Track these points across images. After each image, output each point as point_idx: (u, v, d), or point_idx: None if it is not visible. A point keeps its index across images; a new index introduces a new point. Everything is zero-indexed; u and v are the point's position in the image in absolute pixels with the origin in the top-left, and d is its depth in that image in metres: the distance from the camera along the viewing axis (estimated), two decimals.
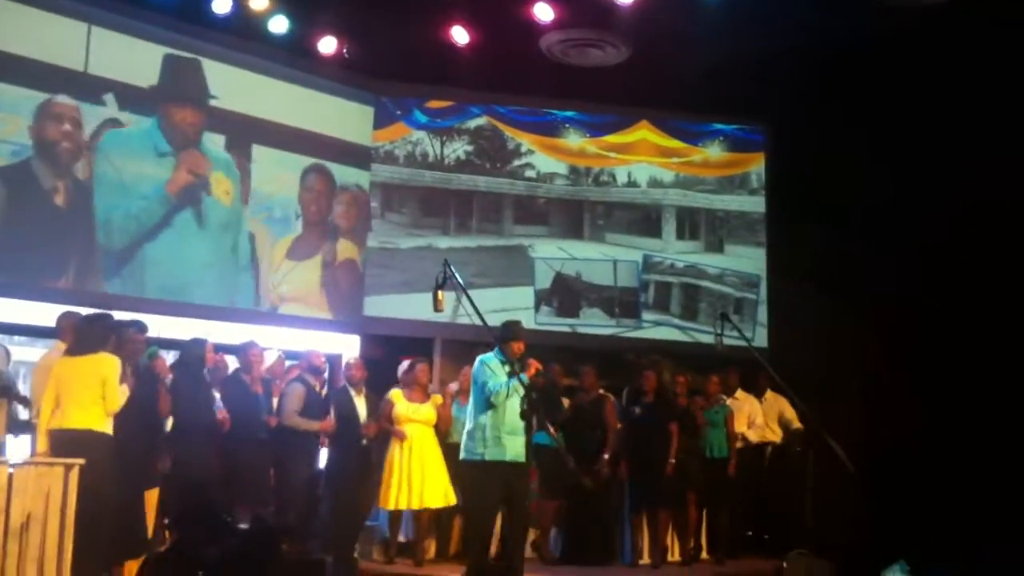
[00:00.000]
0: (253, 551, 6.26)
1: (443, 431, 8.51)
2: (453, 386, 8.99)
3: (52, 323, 7.54)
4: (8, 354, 7.35)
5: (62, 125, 8.81)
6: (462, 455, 7.00)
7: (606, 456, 8.72)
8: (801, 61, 9.63)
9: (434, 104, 11.16)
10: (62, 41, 8.89)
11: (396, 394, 8.44)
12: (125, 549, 6.81)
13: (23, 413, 7.42)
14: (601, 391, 9.09)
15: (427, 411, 8.40)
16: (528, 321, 10.43)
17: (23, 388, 7.62)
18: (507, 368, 6.74)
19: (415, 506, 8.18)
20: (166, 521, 7.27)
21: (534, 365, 6.83)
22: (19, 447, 7.11)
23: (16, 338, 8.29)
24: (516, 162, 11.28)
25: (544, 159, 11.33)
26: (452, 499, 8.24)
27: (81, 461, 6.03)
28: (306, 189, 10.40)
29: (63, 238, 8.74)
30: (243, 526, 6.72)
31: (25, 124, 8.60)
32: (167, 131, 9.48)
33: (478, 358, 7.00)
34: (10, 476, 5.86)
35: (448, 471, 8.26)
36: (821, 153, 10.37)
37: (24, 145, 8.59)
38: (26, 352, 8.36)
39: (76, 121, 8.91)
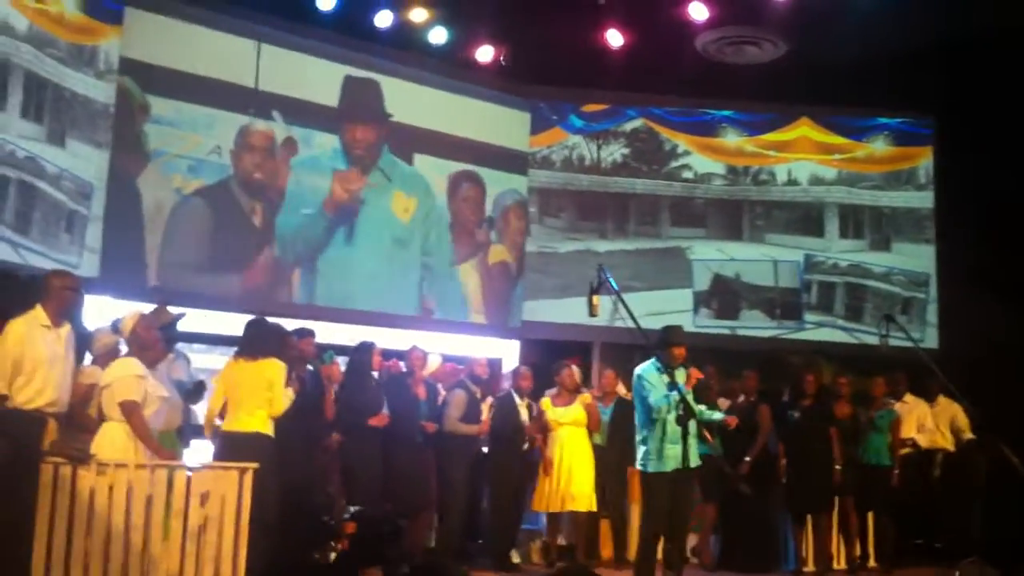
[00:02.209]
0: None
1: (592, 431, 8.54)
2: (595, 391, 9.02)
3: (228, 331, 7.95)
4: (189, 362, 7.71)
5: (255, 154, 9.38)
6: (638, 464, 7.07)
7: (747, 459, 8.56)
8: (967, 48, 9.29)
9: (590, 108, 11.21)
10: (232, 59, 9.35)
11: (545, 401, 8.53)
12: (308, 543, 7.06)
13: (201, 419, 7.79)
14: (757, 396, 8.95)
15: (575, 412, 8.44)
16: (687, 324, 10.38)
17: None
18: (666, 379, 6.71)
19: (562, 508, 8.25)
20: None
21: (694, 375, 6.79)
22: (201, 452, 7.45)
23: (195, 346, 8.71)
24: (673, 163, 11.21)
25: (701, 159, 11.23)
26: (594, 506, 8.27)
27: (255, 465, 6.27)
28: (460, 197, 10.60)
29: (259, 253, 9.32)
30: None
31: (204, 141, 9.09)
32: (347, 150, 9.92)
33: (635, 372, 6.99)
34: (188, 479, 6.15)
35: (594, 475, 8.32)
36: (992, 144, 9.97)
37: (200, 160, 9.06)
38: (204, 359, 8.77)
39: (270, 149, 9.46)
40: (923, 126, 11.36)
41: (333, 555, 6.91)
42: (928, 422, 9.51)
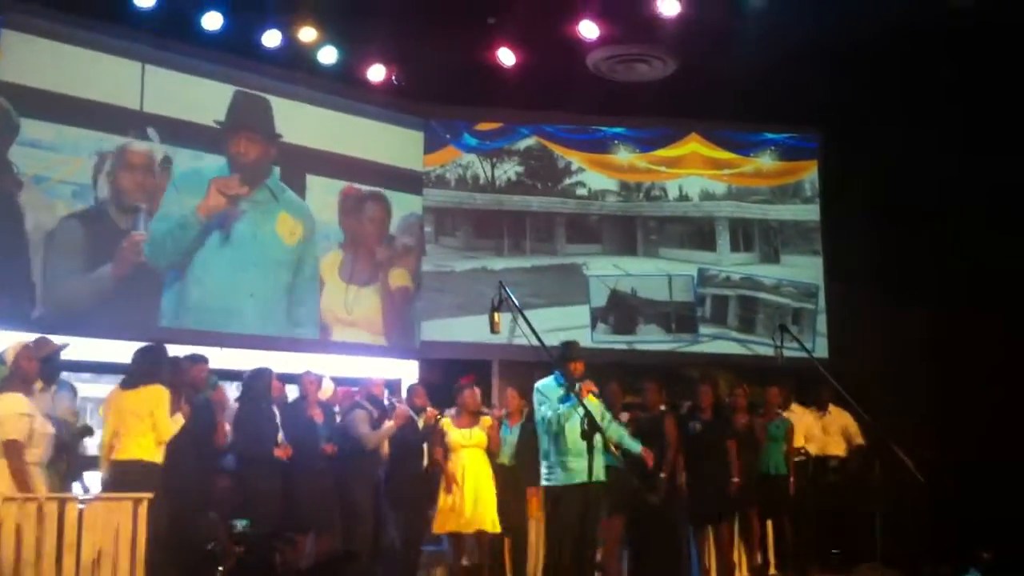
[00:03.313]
0: None
1: (494, 453, 8.51)
2: (500, 411, 9.00)
3: (114, 359, 7.76)
4: (75, 392, 7.49)
5: (135, 174, 9.07)
6: (542, 481, 7.03)
7: (663, 475, 8.64)
8: (848, 62, 9.55)
9: (483, 126, 11.23)
10: (118, 81, 9.08)
11: (445, 422, 8.44)
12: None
13: (92, 449, 7.56)
14: (662, 408, 9.03)
15: (477, 435, 8.39)
16: (585, 339, 10.46)
17: (92, 422, 7.77)
18: (561, 391, 6.76)
19: (468, 530, 8.18)
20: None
21: (587, 388, 6.83)
22: (91, 483, 7.24)
23: (82, 375, 8.44)
24: (567, 180, 11.28)
25: (595, 176, 11.33)
26: (497, 527, 8.24)
27: (149, 495, 6.10)
28: (365, 217, 10.47)
29: (133, 277, 8.99)
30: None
31: (85, 164, 8.81)
32: (232, 164, 9.67)
33: (535, 387, 7.01)
34: (80, 512, 5.94)
35: (496, 495, 8.29)
36: (875, 156, 10.28)
37: (83, 186, 8.78)
38: (92, 389, 8.51)
39: (149, 168, 9.16)
40: (808, 140, 11.66)
41: None
42: (816, 431, 9.71)
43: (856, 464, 9.42)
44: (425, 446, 8.39)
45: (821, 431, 9.77)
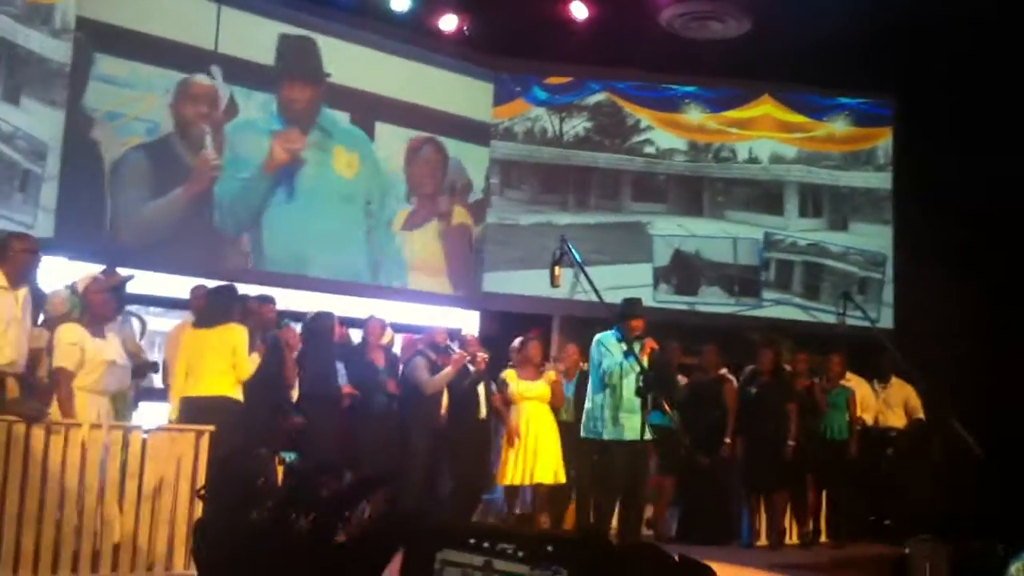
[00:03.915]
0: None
1: (556, 407, 8.54)
2: (560, 365, 9.02)
3: (185, 295, 7.91)
4: (144, 324, 7.63)
5: (199, 106, 9.12)
6: (582, 433, 7.03)
7: (727, 440, 8.63)
8: (929, 29, 9.33)
9: (553, 80, 11.14)
10: (193, 20, 9.16)
11: (509, 373, 8.47)
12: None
13: (158, 382, 7.72)
14: (723, 371, 8.98)
15: (540, 388, 8.41)
16: (646, 299, 10.38)
17: (157, 357, 7.93)
18: (623, 347, 6.74)
19: (527, 482, 8.23)
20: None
21: (649, 344, 6.82)
22: (155, 414, 7.39)
23: (152, 309, 8.60)
24: (635, 138, 11.19)
25: (663, 135, 11.22)
26: (562, 478, 8.28)
27: (211, 428, 6.22)
28: (423, 161, 10.49)
29: (199, 214, 9.09)
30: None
31: (159, 102, 8.92)
32: (283, 110, 9.68)
33: (595, 338, 7.00)
34: (144, 442, 6.08)
35: (560, 448, 8.33)
36: (952, 126, 10.05)
37: (156, 123, 8.90)
38: (161, 323, 8.68)
39: (213, 101, 9.21)
40: (883, 107, 11.43)
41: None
42: (871, 401, 9.61)
43: (915, 437, 9.31)
44: (482, 395, 8.42)
45: (880, 402, 9.67)
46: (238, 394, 6.73)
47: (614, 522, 7.42)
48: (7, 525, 5.57)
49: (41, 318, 6.61)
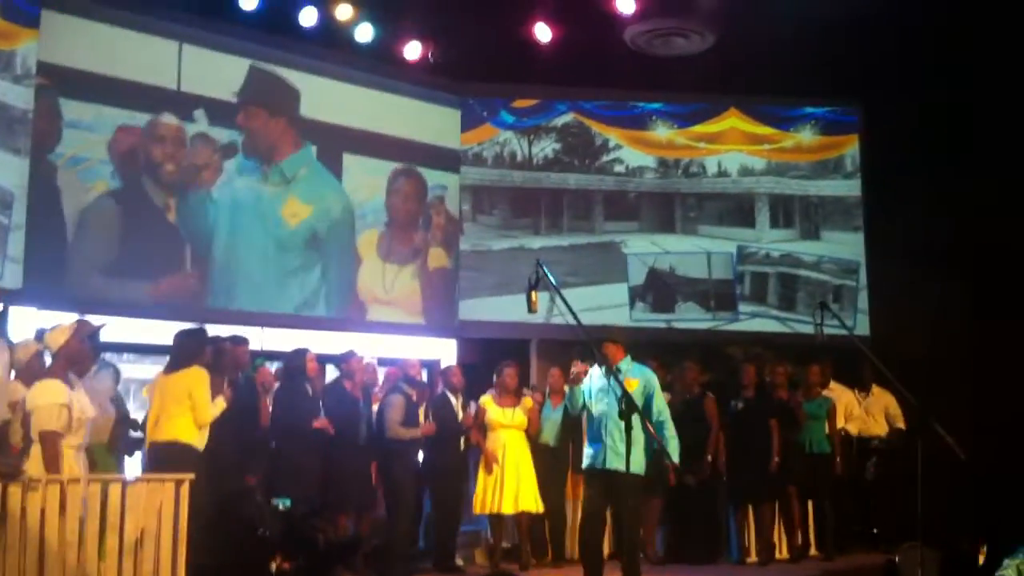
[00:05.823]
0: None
1: (532, 433, 8.51)
2: (538, 393, 8.99)
3: (158, 341, 7.82)
4: (118, 373, 7.54)
5: (165, 146, 9.01)
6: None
7: (708, 457, 8.60)
8: (891, 33, 9.38)
9: (520, 103, 11.12)
10: (155, 61, 9.07)
11: (486, 400, 8.45)
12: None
13: (136, 431, 7.63)
14: (700, 387, 8.96)
15: (518, 415, 8.40)
16: (623, 318, 10.42)
17: (132, 405, 7.84)
18: (600, 374, 6.74)
19: (507, 511, 8.18)
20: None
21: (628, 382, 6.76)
22: (134, 465, 7.32)
23: (125, 355, 8.51)
24: (604, 157, 11.18)
25: (633, 153, 11.21)
26: (541, 506, 8.24)
27: (191, 476, 6.13)
28: (395, 192, 10.43)
29: (175, 253, 8.98)
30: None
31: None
32: (247, 148, 9.53)
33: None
34: (123, 492, 5.98)
35: (537, 475, 8.28)
36: (918, 130, 10.10)
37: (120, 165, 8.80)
38: (135, 369, 8.59)
39: (179, 140, 9.10)
40: (849, 114, 11.47)
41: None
42: (856, 410, 9.63)
43: (897, 444, 9.32)
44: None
45: (863, 411, 9.69)
46: (192, 438, 6.69)
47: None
48: None
49: (12, 373, 6.51)
